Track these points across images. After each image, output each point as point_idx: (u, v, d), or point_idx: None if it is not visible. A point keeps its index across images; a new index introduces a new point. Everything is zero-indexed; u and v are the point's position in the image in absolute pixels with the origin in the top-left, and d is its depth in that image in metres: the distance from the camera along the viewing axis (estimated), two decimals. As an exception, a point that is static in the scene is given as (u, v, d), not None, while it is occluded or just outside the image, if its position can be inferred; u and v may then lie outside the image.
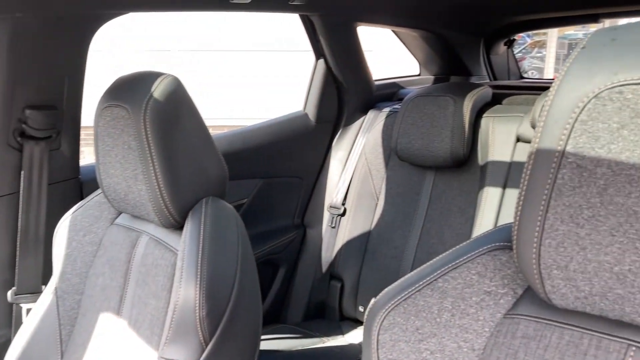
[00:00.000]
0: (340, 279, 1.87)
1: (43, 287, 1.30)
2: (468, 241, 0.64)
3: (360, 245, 1.84)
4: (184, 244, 0.93)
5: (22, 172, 1.24)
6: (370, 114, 1.95)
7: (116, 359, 1.01)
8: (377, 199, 1.84)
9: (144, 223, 1.09)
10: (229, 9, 1.37)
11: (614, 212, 0.47)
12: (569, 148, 0.48)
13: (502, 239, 0.62)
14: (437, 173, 1.73)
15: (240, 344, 0.93)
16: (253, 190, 1.79)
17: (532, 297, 0.59)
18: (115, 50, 6.50)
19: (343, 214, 1.90)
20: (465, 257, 0.62)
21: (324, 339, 1.76)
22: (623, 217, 0.47)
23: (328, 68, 1.83)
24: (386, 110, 1.89)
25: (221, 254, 0.93)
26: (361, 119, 1.97)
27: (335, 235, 1.91)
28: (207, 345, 0.87)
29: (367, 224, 1.85)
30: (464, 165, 1.66)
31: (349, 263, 1.85)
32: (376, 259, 1.80)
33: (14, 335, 1.28)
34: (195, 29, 6.68)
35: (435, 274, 0.62)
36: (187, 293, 0.87)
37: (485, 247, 0.62)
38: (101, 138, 1.03)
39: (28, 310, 1.26)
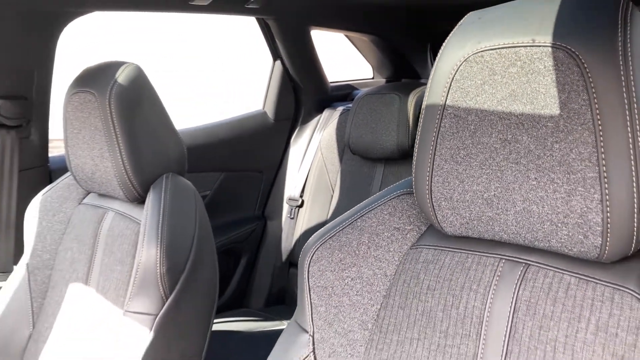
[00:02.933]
0: (299, 267, 1.99)
1: (14, 267, 1.38)
2: (382, 190, 0.77)
3: (317, 234, 1.96)
4: (146, 214, 1.04)
5: None
6: (326, 112, 2.09)
7: (85, 322, 1.11)
8: (333, 191, 1.97)
9: (110, 200, 1.19)
10: (189, 10, 1.49)
11: (482, 150, 0.61)
12: (448, 102, 0.62)
13: (408, 187, 0.75)
14: (386, 165, 1.87)
15: (199, 299, 1.04)
16: (215, 183, 1.90)
17: (432, 232, 0.72)
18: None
19: (301, 206, 2.02)
20: (379, 201, 0.75)
21: (284, 322, 1.87)
22: (488, 153, 0.61)
23: (285, 69, 1.97)
24: (340, 108, 2.03)
25: (180, 221, 1.04)
26: (317, 117, 2.11)
27: (294, 226, 2.03)
28: (167, 299, 0.98)
29: (324, 214, 1.97)
30: (410, 156, 1.81)
31: (307, 252, 1.97)
32: None
33: None
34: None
35: (355, 215, 0.75)
36: (149, 253, 0.98)
37: (394, 193, 0.75)
38: (70, 122, 1.13)
39: None
